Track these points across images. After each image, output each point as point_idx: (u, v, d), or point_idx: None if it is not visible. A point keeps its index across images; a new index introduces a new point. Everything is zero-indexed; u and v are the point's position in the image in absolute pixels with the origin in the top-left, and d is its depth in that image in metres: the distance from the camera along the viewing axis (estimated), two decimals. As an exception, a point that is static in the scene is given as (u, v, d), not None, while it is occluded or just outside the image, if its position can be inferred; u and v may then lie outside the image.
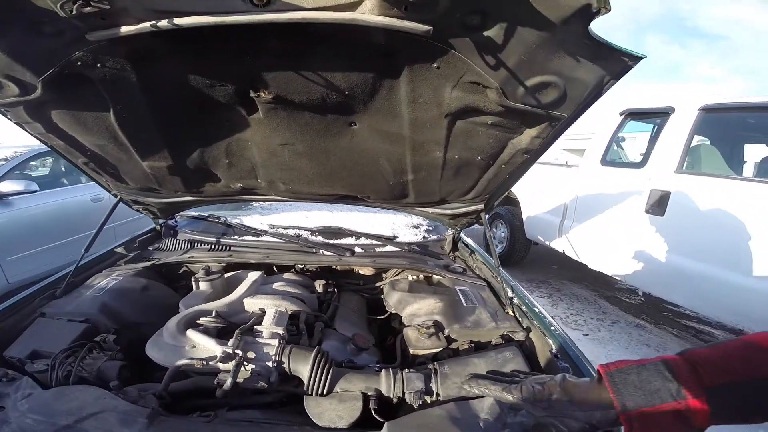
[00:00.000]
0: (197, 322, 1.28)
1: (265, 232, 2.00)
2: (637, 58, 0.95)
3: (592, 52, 0.94)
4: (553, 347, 1.28)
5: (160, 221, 2.07)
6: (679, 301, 3.28)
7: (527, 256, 5.09)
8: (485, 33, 0.91)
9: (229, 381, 1.06)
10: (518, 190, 4.90)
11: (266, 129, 1.31)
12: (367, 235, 2.06)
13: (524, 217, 4.84)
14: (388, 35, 0.91)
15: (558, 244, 4.35)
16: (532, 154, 1.37)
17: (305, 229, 2.05)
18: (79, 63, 1.01)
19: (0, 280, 3.32)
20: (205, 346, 1.17)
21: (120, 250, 1.89)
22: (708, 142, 3.76)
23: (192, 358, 1.12)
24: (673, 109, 3.41)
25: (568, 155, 5.38)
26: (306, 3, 0.85)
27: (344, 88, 1.12)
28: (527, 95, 1.07)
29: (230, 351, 1.10)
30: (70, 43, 0.95)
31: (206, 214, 2.14)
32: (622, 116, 3.96)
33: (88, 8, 0.78)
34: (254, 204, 2.55)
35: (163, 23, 0.84)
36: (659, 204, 3.23)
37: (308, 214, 2.33)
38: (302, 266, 1.84)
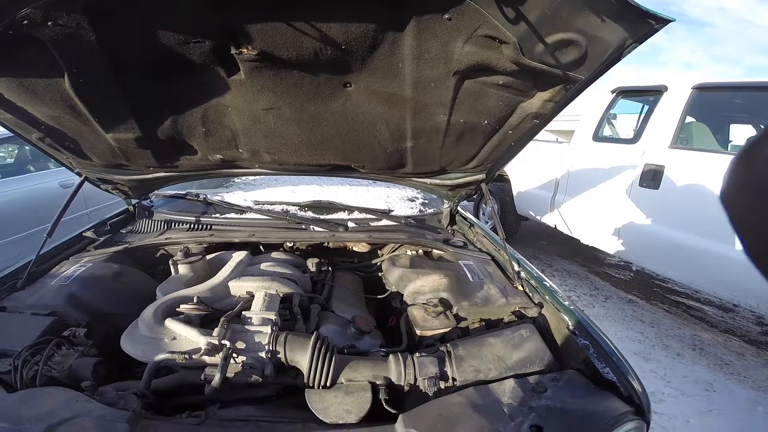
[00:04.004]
0: (177, 310, 1.16)
1: (249, 208, 1.85)
2: (664, 21, 0.90)
3: (618, 11, 0.89)
4: (570, 323, 1.20)
5: (133, 201, 1.90)
6: (672, 275, 3.28)
7: (517, 233, 5.05)
8: None
9: (217, 377, 0.95)
10: (507, 166, 4.83)
11: (249, 92, 1.17)
12: (361, 209, 1.93)
13: (515, 192, 4.78)
14: None
15: (549, 219, 4.31)
16: (542, 120, 1.29)
17: (293, 205, 1.91)
18: (26, 22, 0.88)
19: (-36, 273, 3.08)
20: (186, 337, 1.05)
21: (89, 234, 1.71)
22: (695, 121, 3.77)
23: (173, 352, 1.00)
24: (666, 88, 3.44)
25: (557, 136, 5.34)
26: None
27: (341, 41, 0.99)
28: (546, 53, 1.00)
29: (216, 342, 0.99)
30: None
31: (183, 192, 1.96)
32: (614, 94, 3.95)
33: None
34: (236, 179, 2.38)
35: None
36: (654, 178, 3.21)
37: (295, 189, 2.17)
38: (291, 244, 1.71)
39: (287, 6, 0.90)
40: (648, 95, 3.72)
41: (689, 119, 3.50)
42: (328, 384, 1.00)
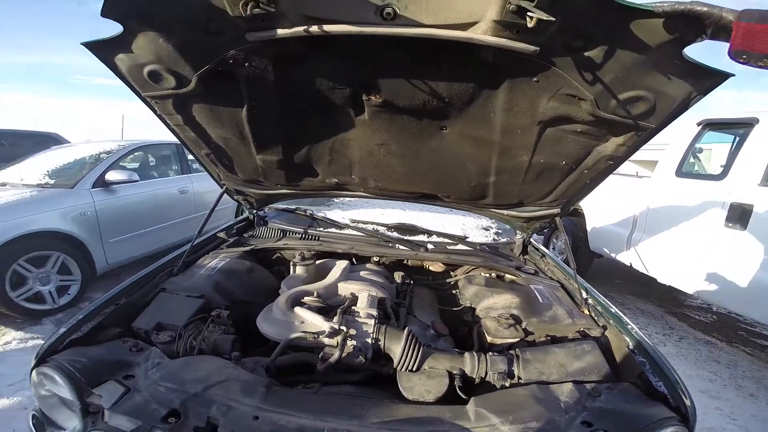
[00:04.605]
0: (301, 301, 1.43)
1: (348, 225, 2.16)
2: (725, 76, 1.01)
3: (682, 70, 1.01)
4: (630, 343, 1.31)
5: (254, 212, 2.28)
6: (759, 318, 3.09)
7: (589, 270, 4.94)
8: (586, 53, 1.01)
9: (336, 354, 1.18)
10: (583, 201, 4.79)
11: (368, 130, 1.43)
12: (439, 234, 2.16)
13: (589, 228, 4.72)
14: (496, 53, 1.01)
15: (625, 257, 4.21)
16: (615, 161, 1.41)
17: (382, 225, 2.19)
18: (231, 61, 1.14)
19: (101, 261, 3.71)
20: (312, 322, 1.29)
21: (221, 235, 2.12)
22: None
23: (305, 332, 1.25)
24: (757, 120, 3.24)
25: (638, 167, 5.18)
26: (426, 20, 0.98)
27: (445, 95, 1.22)
28: (619, 107, 1.15)
29: (337, 327, 1.23)
30: (228, 41, 1.07)
31: (293, 207, 2.33)
32: (700, 126, 3.79)
33: (257, 9, 0.91)
34: (335, 200, 2.75)
35: (314, 29, 0.97)
36: (740, 217, 3.07)
37: (384, 212, 2.48)
38: (377, 259, 1.97)
39: (408, 67, 1.15)
40: (737, 128, 3.52)
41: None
42: (414, 368, 1.19)
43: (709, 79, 1.03)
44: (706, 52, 1.03)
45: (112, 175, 3.85)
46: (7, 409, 2.23)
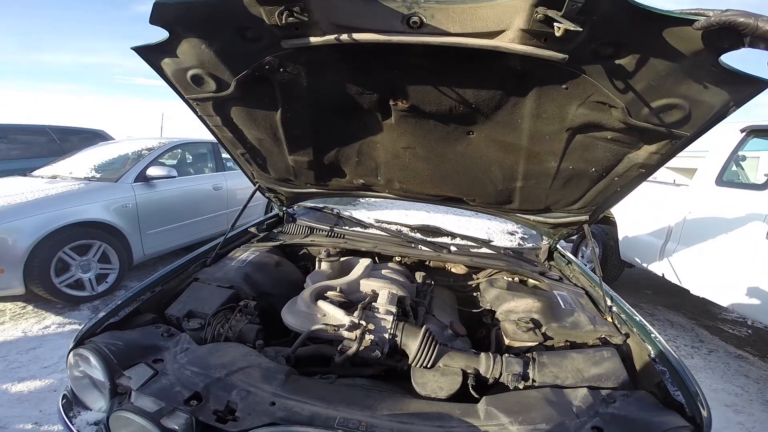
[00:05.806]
0: (324, 295, 1.47)
1: (372, 225, 2.20)
2: (765, 84, 0.97)
3: (719, 77, 0.99)
4: (652, 352, 1.29)
5: (284, 209, 2.36)
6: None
7: (619, 279, 4.80)
8: (617, 61, 1.00)
9: (354, 347, 1.22)
10: (616, 209, 4.66)
11: (395, 133, 1.46)
12: (463, 236, 2.17)
13: (620, 237, 4.58)
14: (524, 60, 1.02)
15: (657, 268, 4.06)
16: (648, 169, 1.38)
17: (406, 226, 2.22)
18: (267, 67, 1.19)
19: (138, 251, 3.91)
20: (334, 316, 1.34)
21: (252, 230, 2.20)
22: None
23: (326, 324, 1.30)
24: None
25: (676, 174, 4.99)
26: (452, 28, 0.99)
27: (472, 101, 1.24)
28: (651, 115, 1.13)
29: (356, 321, 1.27)
30: (264, 48, 1.13)
31: (321, 206, 2.40)
32: (744, 133, 3.61)
33: (291, 18, 0.96)
34: (361, 200, 2.80)
35: (344, 37, 1.01)
36: (785, 232, 2.92)
37: (408, 213, 2.51)
38: (399, 259, 2.00)
39: (435, 74, 1.17)
40: None
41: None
42: (429, 365, 1.21)
43: (749, 86, 1.00)
44: (749, 59, 1.00)
45: (152, 171, 4.05)
46: (38, 390, 2.30)
